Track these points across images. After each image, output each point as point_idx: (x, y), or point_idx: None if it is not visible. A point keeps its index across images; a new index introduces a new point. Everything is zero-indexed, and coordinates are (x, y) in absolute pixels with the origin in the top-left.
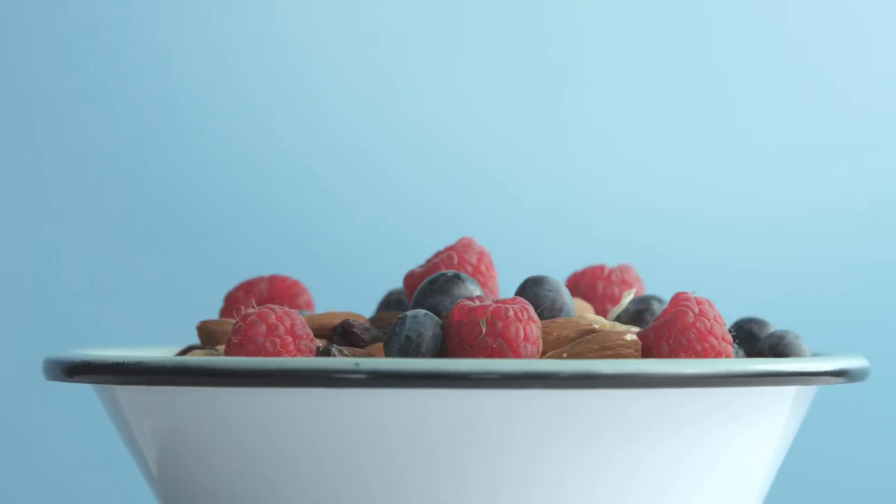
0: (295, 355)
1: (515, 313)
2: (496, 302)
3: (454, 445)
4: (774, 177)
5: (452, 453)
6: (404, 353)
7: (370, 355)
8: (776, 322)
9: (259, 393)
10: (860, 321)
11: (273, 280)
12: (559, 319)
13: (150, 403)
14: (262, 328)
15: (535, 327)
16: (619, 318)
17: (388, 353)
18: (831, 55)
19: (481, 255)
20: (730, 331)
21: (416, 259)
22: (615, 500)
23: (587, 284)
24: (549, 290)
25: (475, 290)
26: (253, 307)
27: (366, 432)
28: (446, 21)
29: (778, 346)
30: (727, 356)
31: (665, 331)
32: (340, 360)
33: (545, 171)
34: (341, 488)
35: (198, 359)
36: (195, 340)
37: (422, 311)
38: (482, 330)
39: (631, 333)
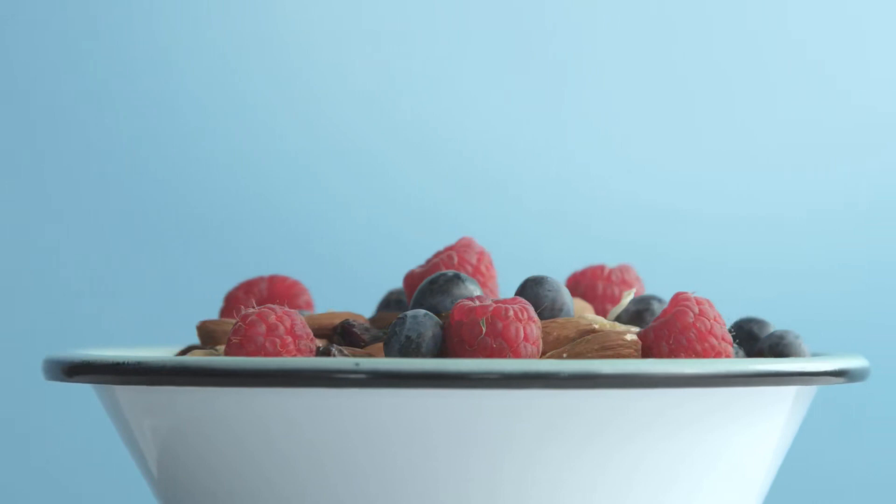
0: (295, 355)
1: (515, 313)
2: (496, 302)
3: (454, 445)
4: (774, 177)
5: (452, 453)
6: (404, 353)
7: (370, 355)
8: (776, 322)
9: (259, 393)
10: (860, 321)
11: (273, 280)
12: (559, 319)
13: (150, 403)
14: (262, 328)
15: (535, 327)
16: (619, 318)
17: (388, 353)
18: (831, 55)
19: (481, 255)
20: (730, 331)
21: (416, 259)
22: (615, 500)
23: (587, 284)
24: (549, 290)
25: (475, 290)
26: (253, 307)
27: (366, 432)
28: (446, 21)
29: (778, 346)
30: (727, 356)
31: (665, 331)
32: (340, 360)
33: (545, 171)
34: (341, 488)
35: (198, 359)
36: (195, 340)
37: (422, 311)
38: (482, 330)
39: (631, 333)
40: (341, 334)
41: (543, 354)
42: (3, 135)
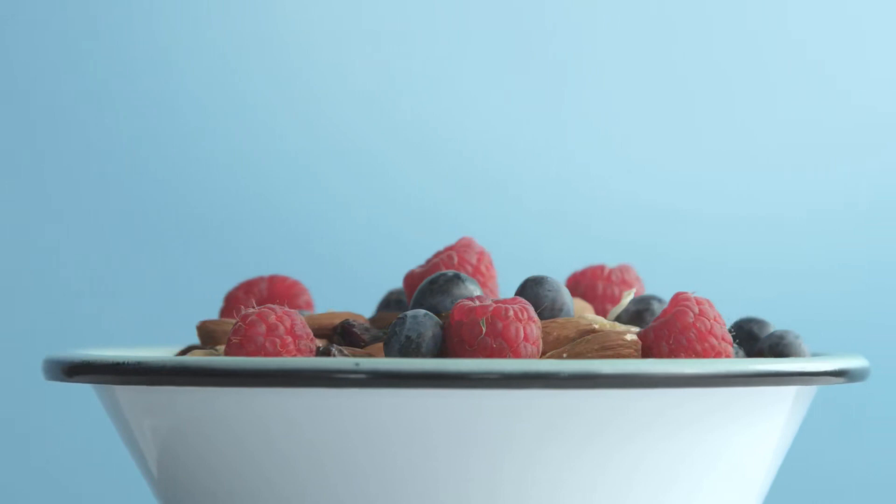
0: (295, 355)
1: (515, 313)
2: (496, 302)
3: (454, 445)
4: (774, 177)
5: (452, 453)
6: (404, 353)
7: (370, 355)
8: (776, 322)
9: (259, 393)
10: (860, 321)
11: (273, 280)
12: (559, 319)
13: (150, 403)
14: (262, 328)
15: (535, 327)
16: (619, 318)
17: (388, 353)
18: (831, 55)
19: (481, 255)
20: (730, 331)
21: (416, 259)
22: (615, 500)
23: (587, 284)
24: (549, 290)
25: (475, 290)
26: (253, 307)
27: (366, 432)
28: (446, 21)
29: (778, 346)
30: (727, 356)
31: (665, 331)
32: (340, 360)
33: (545, 171)
34: (341, 488)
35: (198, 359)
36: (195, 340)
37: (422, 311)
38: (482, 330)
39: (631, 333)
40: (341, 334)
41: (543, 354)
42: (3, 135)
